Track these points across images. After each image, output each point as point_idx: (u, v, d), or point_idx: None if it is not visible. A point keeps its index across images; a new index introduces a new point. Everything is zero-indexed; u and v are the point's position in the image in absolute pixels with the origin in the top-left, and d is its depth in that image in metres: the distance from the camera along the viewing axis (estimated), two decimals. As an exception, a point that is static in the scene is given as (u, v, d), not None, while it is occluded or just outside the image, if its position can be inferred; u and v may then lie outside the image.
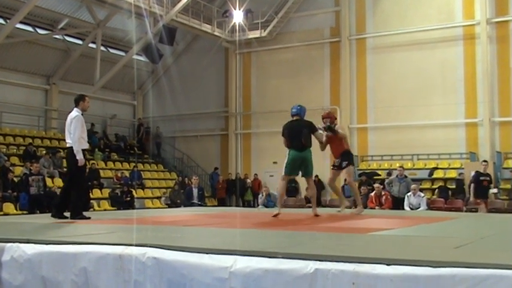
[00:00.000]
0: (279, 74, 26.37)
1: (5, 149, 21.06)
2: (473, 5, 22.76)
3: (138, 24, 24.09)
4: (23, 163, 20.05)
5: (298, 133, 9.40)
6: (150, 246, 4.89)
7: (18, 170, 19.31)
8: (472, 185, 16.50)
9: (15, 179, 18.34)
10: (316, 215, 9.45)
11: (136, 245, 4.96)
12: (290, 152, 9.46)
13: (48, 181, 19.21)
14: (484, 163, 17.04)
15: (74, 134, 8.77)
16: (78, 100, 9.08)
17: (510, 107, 22.05)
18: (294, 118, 9.73)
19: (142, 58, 27.12)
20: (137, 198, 21.89)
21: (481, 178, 16.70)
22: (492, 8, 22.46)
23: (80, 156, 8.74)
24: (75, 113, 8.91)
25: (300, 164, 9.42)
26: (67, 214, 8.89)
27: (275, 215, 9.22)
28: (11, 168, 18.70)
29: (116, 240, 5.50)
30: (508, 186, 21.34)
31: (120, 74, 26.04)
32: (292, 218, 9.46)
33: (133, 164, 24.97)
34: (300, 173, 9.63)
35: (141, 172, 24.67)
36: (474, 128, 22.60)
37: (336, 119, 10.63)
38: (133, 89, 29.22)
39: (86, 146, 9.08)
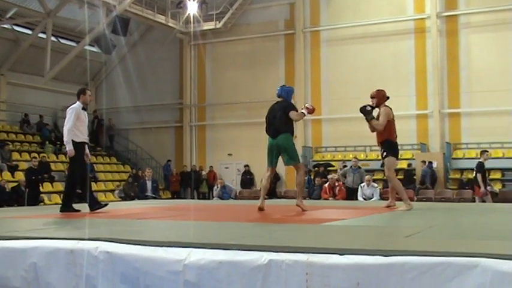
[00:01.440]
0: (234, 65, 26.35)
1: (-49, 142, 20.49)
2: (423, -1, 23.19)
3: (90, 14, 23.68)
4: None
5: (273, 118, 8.63)
6: (102, 240, 4.83)
7: (-34, 164, 18.83)
8: (479, 175, 15.61)
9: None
10: (299, 206, 8.57)
11: (88, 239, 4.89)
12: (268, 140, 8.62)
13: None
14: (486, 153, 16.03)
15: (66, 124, 8.79)
16: (79, 93, 9.19)
17: (459, 99, 22.60)
18: (278, 100, 9.02)
19: (94, 49, 26.67)
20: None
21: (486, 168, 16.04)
22: (442, 2, 22.92)
23: (69, 147, 8.67)
24: (73, 105, 9.00)
25: (276, 152, 8.48)
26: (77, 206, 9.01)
27: (260, 208, 8.48)
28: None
29: (67, 234, 5.41)
30: (458, 176, 21.88)
31: (71, 65, 25.53)
32: (248, 210, 9.49)
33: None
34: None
35: (94, 165, 24.31)
36: (424, 119, 23.08)
37: (385, 99, 9.96)
38: (86, 80, 28.70)
39: (83, 139, 8.93)
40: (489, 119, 21.95)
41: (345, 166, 19.82)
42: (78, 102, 9.06)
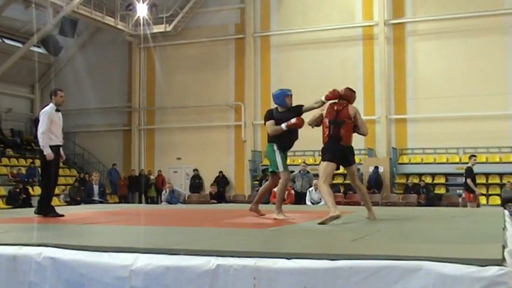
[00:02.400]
0: (184, 69, 26.21)
1: None
2: (372, 7, 23.59)
3: (37, 14, 23.15)
4: None
5: None
6: (46, 246, 4.72)
7: None
8: (469, 180, 15.55)
9: None
10: (275, 219, 8.06)
11: (31, 245, 4.78)
12: None
13: None
14: (473, 158, 16.03)
15: (39, 128, 8.62)
16: (51, 95, 8.98)
17: (405, 105, 23.08)
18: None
19: (41, 50, 26.10)
20: (34, 196, 21.08)
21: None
22: (389, 10, 23.38)
23: (47, 151, 8.52)
24: (46, 108, 8.79)
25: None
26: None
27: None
28: None
29: (9, 240, 5.26)
30: (403, 180, 22.32)
31: (16, 66, 24.89)
32: (197, 215, 9.44)
33: (30, 160, 24.01)
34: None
35: (39, 169, 23.75)
36: (372, 125, 23.38)
37: (341, 97, 8.31)
38: (31, 82, 28.08)
39: (57, 142, 8.79)
40: (434, 125, 22.50)
41: (292, 171, 19.88)
42: (51, 104, 8.86)
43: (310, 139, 24.28)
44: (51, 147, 8.61)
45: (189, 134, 25.72)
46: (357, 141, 23.17)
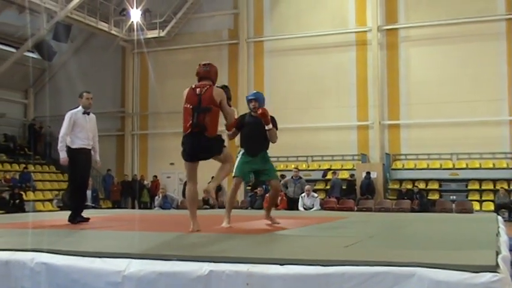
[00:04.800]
0: (177, 74, 26.17)
1: None
2: (365, 13, 23.69)
3: (30, 19, 23.11)
4: None
5: None
6: (39, 251, 4.70)
7: None
8: None
9: None
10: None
11: (24, 250, 4.76)
12: None
13: None
14: None
15: (61, 130, 8.37)
16: (78, 97, 8.77)
17: (398, 111, 23.15)
18: None
19: (34, 55, 26.03)
20: (27, 201, 21.01)
21: None
22: (383, 16, 23.48)
23: (62, 155, 8.26)
24: (72, 110, 8.57)
25: None
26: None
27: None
28: None
29: (2, 245, 5.23)
30: (397, 186, 22.36)
31: (9, 71, 24.80)
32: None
33: (23, 166, 23.93)
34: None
35: (32, 174, 23.68)
36: (365, 130, 23.51)
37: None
38: (25, 87, 28.02)
39: (81, 145, 8.46)
40: (427, 130, 22.57)
41: (284, 176, 19.87)
42: (79, 107, 8.66)
43: (303, 145, 24.45)
44: (75, 150, 8.35)
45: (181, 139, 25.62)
46: (351, 147, 23.65)
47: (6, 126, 26.95)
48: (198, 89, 6.75)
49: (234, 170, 7.78)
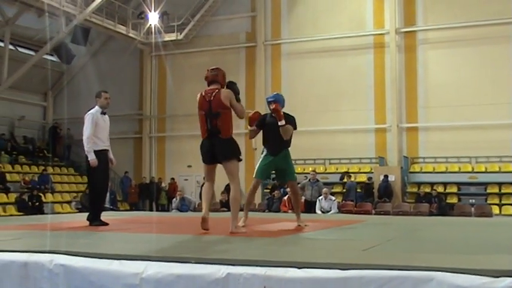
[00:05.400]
0: (194, 77, 26.14)
1: None
2: (383, 15, 23.59)
3: (49, 23, 23.33)
4: None
5: None
6: (57, 253, 4.73)
7: None
8: None
9: None
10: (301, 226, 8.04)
11: (42, 252, 4.79)
12: None
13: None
14: None
15: (84, 133, 8.29)
16: (96, 97, 8.67)
17: (416, 114, 23.00)
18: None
19: (53, 58, 26.27)
20: (46, 202, 21.18)
21: None
22: (401, 18, 23.36)
23: (91, 157, 8.21)
24: (91, 110, 8.48)
25: None
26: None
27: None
28: None
29: (21, 247, 5.28)
30: (415, 189, 22.20)
31: (29, 74, 25.06)
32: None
33: (42, 168, 24.14)
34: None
35: (51, 176, 23.88)
36: (383, 133, 23.38)
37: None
38: (44, 89, 28.28)
39: (103, 146, 8.47)
40: (445, 133, 22.39)
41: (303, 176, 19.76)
42: (96, 107, 8.55)
43: (321, 148, 24.38)
44: (96, 152, 8.31)
45: (199, 142, 25.65)
46: (369, 150, 23.51)
47: (25, 129, 27.22)
48: (208, 95, 6.97)
49: (255, 171, 8.02)
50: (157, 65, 27.73)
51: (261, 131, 8.09)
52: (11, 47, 24.63)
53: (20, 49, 26.50)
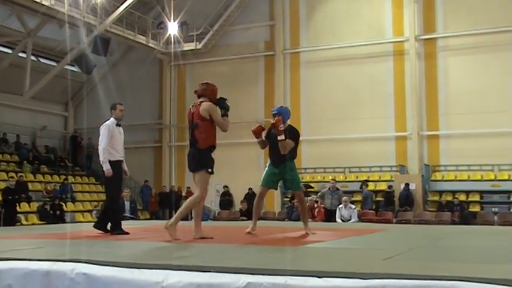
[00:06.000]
0: (213, 86, 26.28)
1: None
2: (402, 22, 23.49)
3: (70, 34, 23.59)
4: None
5: None
6: (79, 262, 4.76)
7: None
8: None
9: None
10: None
11: (64, 261, 4.82)
12: None
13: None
14: None
15: (100, 143, 8.59)
16: (111, 109, 8.94)
17: (437, 121, 22.81)
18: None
19: (74, 68, 26.55)
20: (67, 211, 21.34)
21: None
22: (420, 25, 23.24)
23: (106, 167, 8.45)
24: (107, 122, 8.74)
25: None
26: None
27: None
28: None
29: (43, 255, 5.32)
30: (436, 198, 21.99)
31: (51, 85, 25.35)
32: (227, 231, 9.42)
33: (64, 177, 24.34)
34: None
35: (72, 185, 24.07)
36: (403, 141, 23.22)
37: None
38: (65, 99, 28.57)
39: (118, 157, 8.72)
40: (467, 141, 22.16)
41: (308, 186, 19.71)
42: (112, 119, 8.81)
43: (340, 156, 24.30)
44: (112, 162, 8.53)
45: (218, 151, 25.36)
46: (389, 158, 23.38)
47: (47, 139, 27.51)
48: (192, 107, 7.53)
49: (261, 179, 8.54)
50: (176, 74, 27.89)
51: None
52: (32, 57, 24.97)
53: (41, 60, 26.84)
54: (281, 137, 7.99)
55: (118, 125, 8.83)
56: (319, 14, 25.04)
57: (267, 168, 8.53)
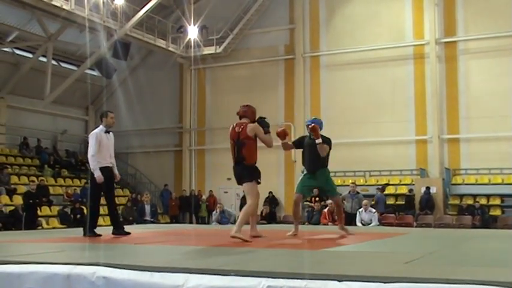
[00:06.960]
0: (233, 90, 26.39)
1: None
2: (422, 26, 23.36)
3: (91, 38, 23.78)
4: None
5: None
6: (99, 265, 4.78)
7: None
8: None
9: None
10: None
11: (85, 264, 4.85)
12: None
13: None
14: None
15: (89, 151, 8.85)
16: (101, 117, 9.19)
17: (458, 125, 22.63)
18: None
19: (95, 73, 26.78)
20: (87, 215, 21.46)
21: None
22: (441, 29, 23.10)
23: (97, 174, 8.70)
24: (95, 130, 9.02)
25: None
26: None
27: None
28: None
29: (64, 259, 5.36)
30: (457, 201, 21.82)
31: (71, 89, 25.61)
32: (246, 235, 9.40)
33: (84, 181, 24.51)
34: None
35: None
36: (424, 145, 23.08)
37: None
38: (85, 104, 28.81)
39: (104, 164, 8.88)
40: (488, 144, 21.97)
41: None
42: (101, 126, 9.04)
43: (361, 160, 24.20)
44: (101, 168, 8.76)
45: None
46: (409, 162, 23.24)
47: (67, 143, 27.76)
48: (237, 128, 8.11)
49: (296, 187, 9.08)
50: (196, 78, 27.99)
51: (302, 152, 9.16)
52: (53, 62, 25.24)
53: (62, 64, 27.11)
54: (319, 140, 8.60)
55: (107, 132, 9.03)
56: (338, 18, 24.99)
57: (302, 176, 9.06)
